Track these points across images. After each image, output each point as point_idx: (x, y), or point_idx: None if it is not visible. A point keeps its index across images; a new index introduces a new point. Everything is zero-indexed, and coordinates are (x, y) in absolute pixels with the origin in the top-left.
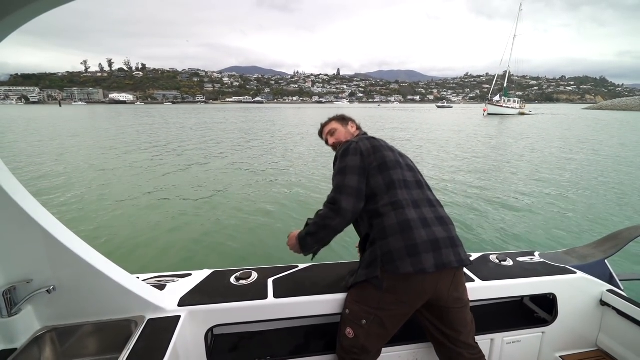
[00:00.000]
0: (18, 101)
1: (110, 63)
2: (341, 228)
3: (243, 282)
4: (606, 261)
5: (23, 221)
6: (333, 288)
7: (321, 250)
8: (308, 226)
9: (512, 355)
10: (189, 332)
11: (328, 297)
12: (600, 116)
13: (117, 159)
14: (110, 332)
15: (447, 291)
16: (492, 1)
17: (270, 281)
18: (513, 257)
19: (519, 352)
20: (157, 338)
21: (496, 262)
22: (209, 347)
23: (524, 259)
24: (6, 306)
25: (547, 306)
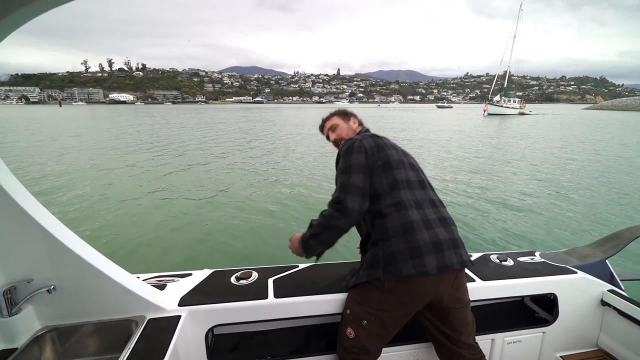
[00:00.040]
0: (18, 101)
1: (110, 63)
2: (347, 228)
3: (243, 282)
4: (607, 261)
5: (23, 221)
6: (333, 288)
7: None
8: (312, 227)
9: (513, 355)
10: (190, 332)
11: (328, 297)
12: (600, 116)
13: (119, 159)
14: (110, 332)
15: (449, 292)
16: (493, 1)
17: (270, 281)
18: (514, 257)
19: (520, 352)
20: (158, 338)
21: (497, 262)
22: (210, 347)
23: (525, 259)
24: (6, 306)
25: (548, 306)
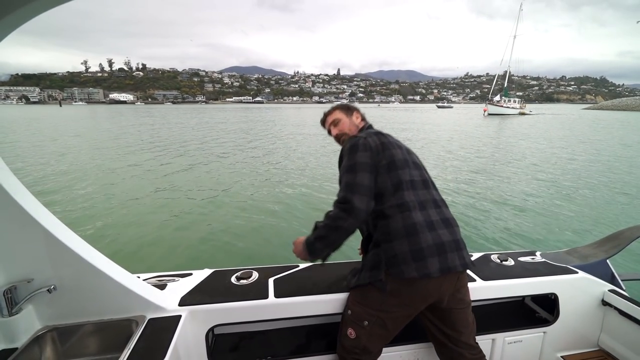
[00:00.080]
0: (18, 101)
1: (110, 63)
2: (353, 229)
3: (244, 282)
4: (608, 261)
5: (24, 220)
6: (334, 288)
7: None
8: (317, 229)
9: (514, 355)
10: (190, 332)
11: (329, 297)
12: (600, 116)
13: (120, 159)
14: (110, 332)
15: (450, 293)
16: (493, 1)
17: (271, 281)
18: (514, 257)
19: (520, 352)
20: (158, 338)
21: (497, 262)
22: (210, 347)
23: (525, 259)
24: (7, 305)
25: (549, 306)
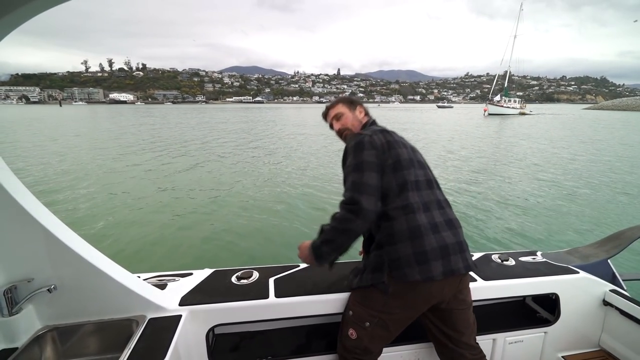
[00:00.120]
0: (18, 101)
1: (110, 63)
2: (362, 231)
3: (244, 282)
4: (609, 261)
5: (24, 220)
6: (334, 287)
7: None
8: (323, 233)
9: (514, 355)
10: (190, 332)
11: (329, 297)
12: (601, 116)
13: (121, 159)
14: (111, 332)
15: (452, 294)
16: (493, 1)
17: (271, 280)
18: (515, 257)
19: (521, 352)
20: (158, 337)
21: (498, 262)
22: (210, 347)
23: (526, 259)
24: (7, 305)
25: (550, 306)
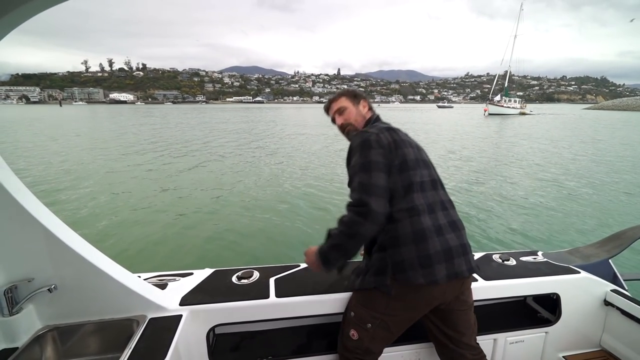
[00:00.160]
0: (19, 101)
1: (110, 63)
2: (371, 235)
3: (245, 282)
4: (610, 261)
5: (24, 220)
6: (335, 287)
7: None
8: (330, 238)
9: (515, 355)
10: (191, 332)
11: (330, 297)
12: (601, 116)
13: (122, 159)
14: (111, 332)
15: (455, 296)
16: (493, 1)
17: (272, 280)
18: (516, 257)
19: (522, 352)
20: (159, 337)
21: (499, 262)
22: (211, 347)
23: (527, 259)
24: (7, 305)
25: (551, 306)
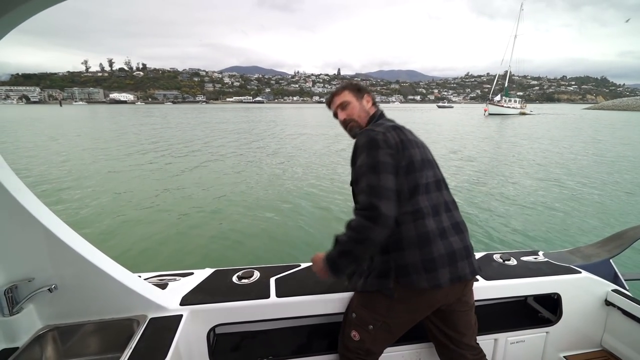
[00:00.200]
0: (19, 101)
1: (110, 63)
2: (381, 240)
3: (245, 281)
4: (611, 261)
5: (25, 219)
6: (336, 287)
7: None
8: (338, 244)
9: (516, 355)
10: (191, 332)
11: (331, 297)
12: (601, 116)
13: (124, 159)
14: (112, 331)
15: (456, 298)
16: (494, 1)
17: (272, 280)
18: (517, 257)
19: (523, 352)
20: (159, 337)
21: (500, 262)
22: (211, 347)
23: (528, 259)
24: (8, 305)
25: (551, 306)
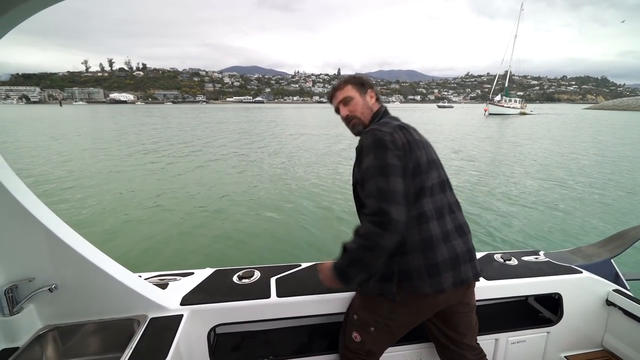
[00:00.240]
0: (19, 101)
1: (110, 63)
2: (392, 246)
3: (246, 281)
4: (612, 260)
5: (25, 219)
6: (336, 287)
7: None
8: (347, 252)
9: (517, 355)
10: (192, 331)
11: (331, 297)
12: (602, 116)
13: (125, 159)
14: (112, 331)
15: (458, 300)
16: (494, 1)
17: (272, 280)
18: (518, 257)
19: (524, 352)
20: (160, 337)
21: (501, 262)
22: (212, 347)
23: (529, 258)
24: (8, 305)
25: (552, 306)
